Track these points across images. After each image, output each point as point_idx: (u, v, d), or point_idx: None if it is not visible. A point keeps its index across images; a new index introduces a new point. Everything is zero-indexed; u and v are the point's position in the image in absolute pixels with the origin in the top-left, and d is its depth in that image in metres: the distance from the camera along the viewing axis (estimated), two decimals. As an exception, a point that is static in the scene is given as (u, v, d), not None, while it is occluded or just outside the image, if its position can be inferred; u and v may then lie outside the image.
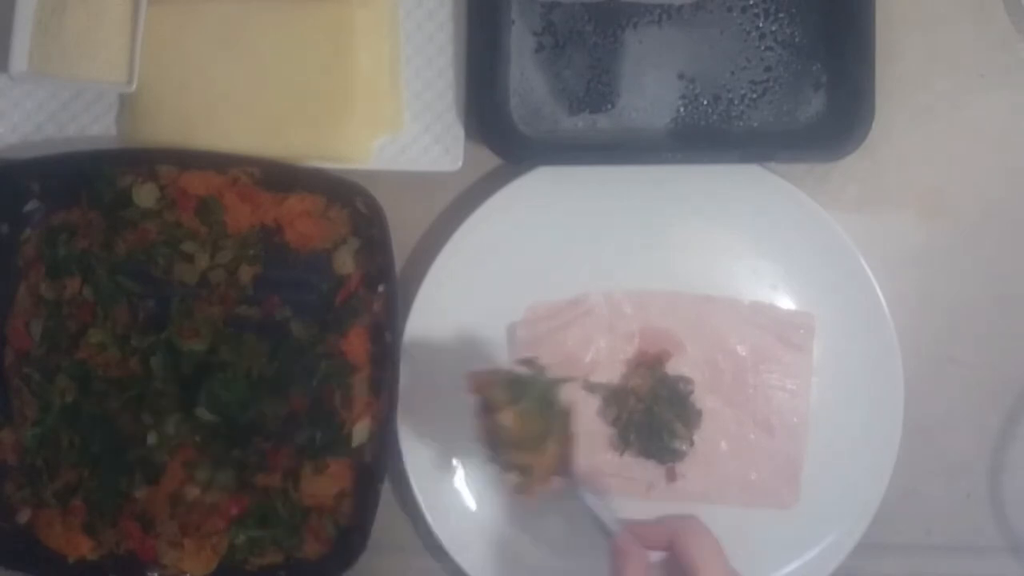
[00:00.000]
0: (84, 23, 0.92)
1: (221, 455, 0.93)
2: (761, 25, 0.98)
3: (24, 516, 0.94)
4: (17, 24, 0.92)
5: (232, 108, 0.95)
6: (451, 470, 0.97)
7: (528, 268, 0.97)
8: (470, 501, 0.97)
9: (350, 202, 0.94)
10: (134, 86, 0.92)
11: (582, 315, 0.97)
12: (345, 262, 0.95)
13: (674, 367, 0.97)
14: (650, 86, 0.98)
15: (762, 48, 0.99)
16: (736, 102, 0.98)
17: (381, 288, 0.93)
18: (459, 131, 0.96)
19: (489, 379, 0.84)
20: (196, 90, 0.95)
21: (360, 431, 0.93)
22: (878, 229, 1.00)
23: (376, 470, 0.93)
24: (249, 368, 0.93)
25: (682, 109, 0.98)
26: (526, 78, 0.98)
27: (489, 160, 0.98)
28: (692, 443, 0.96)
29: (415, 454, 0.95)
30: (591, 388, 0.97)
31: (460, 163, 0.96)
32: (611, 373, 0.97)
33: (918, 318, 0.98)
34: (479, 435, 0.85)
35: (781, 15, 0.98)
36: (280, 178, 0.94)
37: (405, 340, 0.94)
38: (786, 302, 0.98)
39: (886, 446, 0.96)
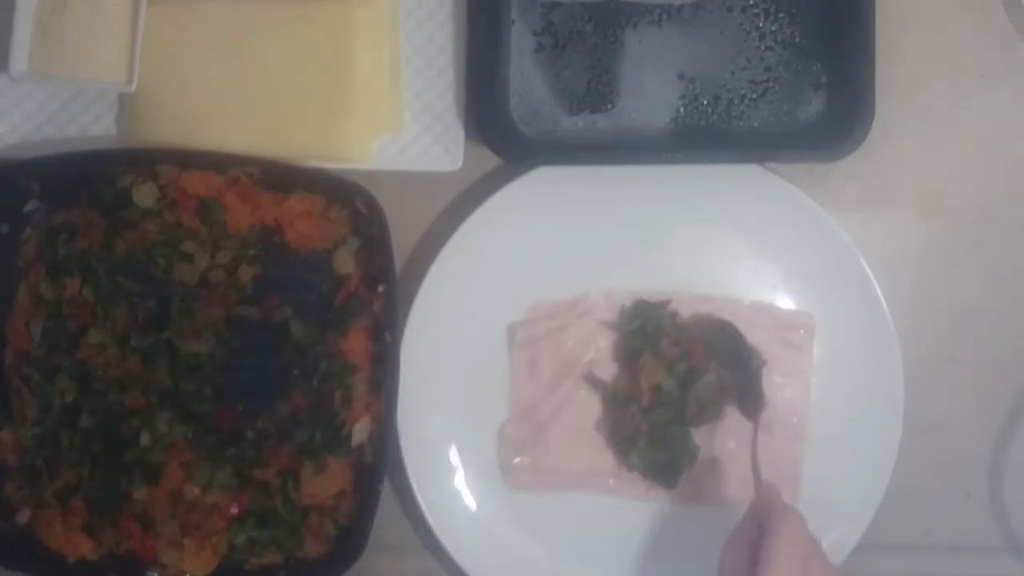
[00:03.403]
0: (84, 23, 0.92)
1: (216, 453, 0.93)
2: (761, 25, 0.98)
3: (24, 516, 0.94)
4: (17, 24, 0.92)
5: (232, 108, 0.95)
6: (451, 470, 0.97)
7: (528, 268, 0.97)
8: (470, 501, 0.97)
9: (350, 202, 0.94)
10: (134, 86, 0.92)
11: (582, 315, 0.97)
12: (345, 262, 0.95)
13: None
14: (650, 86, 0.98)
15: (762, 48, 0.99)
16: (736, 102, 0.98)
17: (381, 288, 0.93)
18: (459, 131, 0.96)
19: None
20: (196, 90, 0.95)
21: (360, 431, 0.93)
22: (878, 229, 1.00)
23: (376, 470, 0.93)
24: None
25: (682, 109, 0.98)
26: (526, 78, 0.98)
27: (489, 160, 0.98)
28: (698, 448, 0.96)
29: (415, 454, 0.95)
30: (593, 383, 0.97)
31: (460, 163, 0.96)
32: (611, 373, 0.97)
33: (918, 318, 0.98)
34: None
35: (781, 15, 0.98)
36: (280, 178, 0.94)
37: (405, 340, 0.94)
38: (786, 302, 0.98)
39: (886, 446, 0.96)
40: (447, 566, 0.97)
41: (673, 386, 0.95)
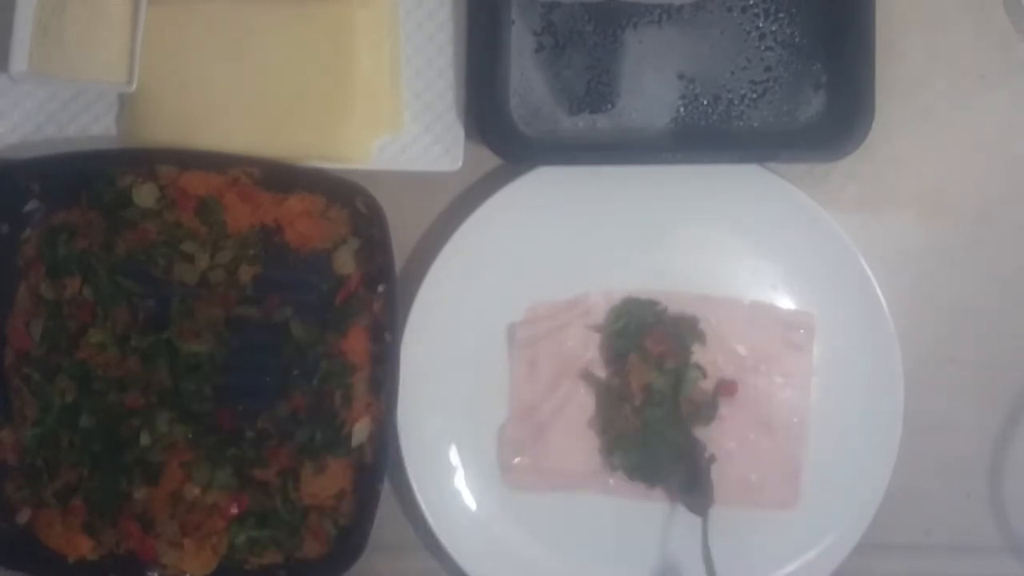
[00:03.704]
0: (84, 23, 0.92)
1: (216, 453, 0.93)
2: (761, 25, 0.98)
3: (24, 516, 0.94)
4: (17, 24, 0.92)
5: (232, 108, 0.95)
6: (451, 470, 0.97)
7: (528, 268, 0.97)
8: (470, 501, 0.97)
9: (350, 202, 0.94)
10: (134, 86, 0.92)
11: (582, 315, 0.97)
12: (345, 262, 0.95)
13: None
14: (650, 86, 0.98)
15: (762, 48, 0.99)
16: (736, 102, 0.98)
17: (381, 288, 0.93)
18: (459, 131, 0.96)
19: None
20: (196, 90, 0.95)
21: (360, 431, 0.93)
22: (878, 229, 1.00)
23: (376, 470, 0.93)
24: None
25: (682, 109, 0.98)
26: (526, 78, 0.98)
27: (489, 160, 0.98)
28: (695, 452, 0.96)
29: (415, 454, 0.95)
30: (588, 379, 0.97)
31: (460, 163, 0.96)
32: (608, 372, 0.97)
33: (918, 318, 0.98)
34: None
35: (781, 15, 0.98)
36: (280, 178, 0.94)
37: (405, 340, 0.94)
38: (786, 302, 0.98)
39: (886, 446, 0.96)
40: (447, 566, 0.97)
41: (665, 385, 0.95)
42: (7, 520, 0.94)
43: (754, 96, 0.98)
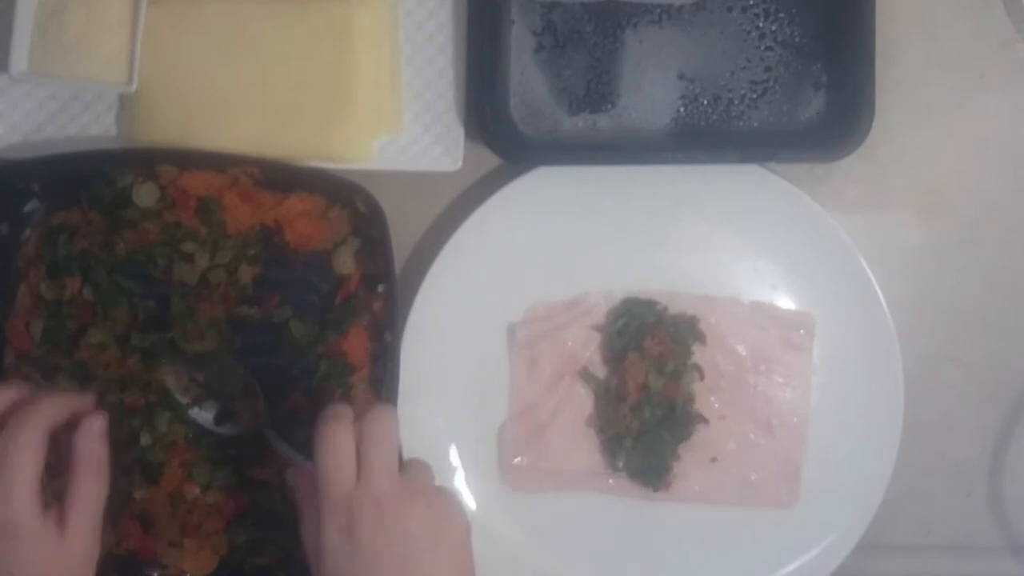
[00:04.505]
0: (84, 23, 0.92)
1: (216, 453, 0.93)
2: (761, 25, 0.98)
3: (24, 516, 0.94)
4: (17, 24, 0.92)
5: (232, 108, 0.95)
6: (451, 470, 0.97)
7: (528, 268, 0.97)
8: (470, 501, 0.97)
9: (350, 202, 0.94)
10: (134, 86, 0.92)
11: (582, 315, 0.97)
12: (345, 262, 0.95)
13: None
14: (650, 86, 0.98)
15: (762, 48, 0.99)
16: (736, 102, 0.98)
17: (381, 288, 0.93)
18: (459, 131, 0.96)
19: None
20: (196, 90, 0.95)
21: (360, 431, 0.93)
22: (878, 229, 1.00)
23: (376, 470, 0.93)
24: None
25: (682, 109, 0.98)
26: (526, 78, 0.98)
27: (489, 160, 0.98)
28: (678, 456, 0.96)
29: (415, 454, 0.95)
30: (586, 378, 0.97)
31: (460, 163, 0.96)
32: (607, 372, 0.97)
33: (918, 318, 0.98)
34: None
35: (781, 15, 0.98)
36: (280, 178, 0.94)
37: (405, 340, 0.94)
38: (786, 302, 0.98)
39: (886, 446, 0.96)
40: (447, 566, 0.97)
41: (662, 386, 0.95)
42: (7, 520, 0.94)
43: (754, 96, 0.98)
